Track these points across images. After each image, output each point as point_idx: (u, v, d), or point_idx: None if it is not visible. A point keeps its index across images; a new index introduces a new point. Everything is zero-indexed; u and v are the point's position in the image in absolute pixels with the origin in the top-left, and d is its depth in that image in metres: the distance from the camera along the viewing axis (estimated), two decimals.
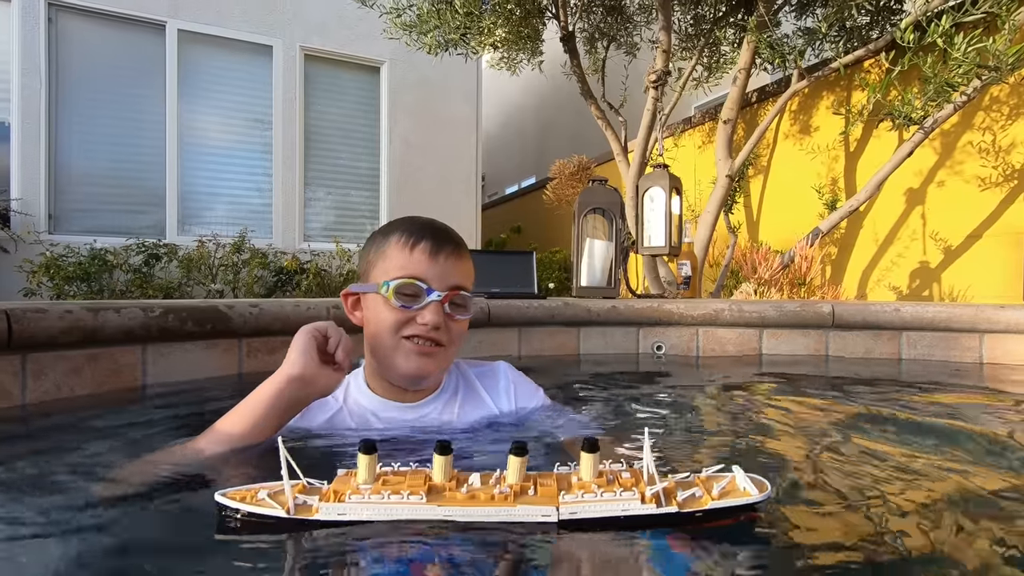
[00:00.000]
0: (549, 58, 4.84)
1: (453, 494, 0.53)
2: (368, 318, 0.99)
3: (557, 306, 2.07)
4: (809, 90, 4.34)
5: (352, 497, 0.52)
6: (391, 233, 0.98)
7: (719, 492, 0.53)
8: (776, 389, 1.55)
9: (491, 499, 0.52)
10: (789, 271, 3.46)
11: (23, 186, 4.39)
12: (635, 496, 0.52)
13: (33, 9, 4.40)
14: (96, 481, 0.73)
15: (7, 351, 1.19)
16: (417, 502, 0.51)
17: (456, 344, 0.99)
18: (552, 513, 0.52)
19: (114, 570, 0.48)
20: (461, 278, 0.97)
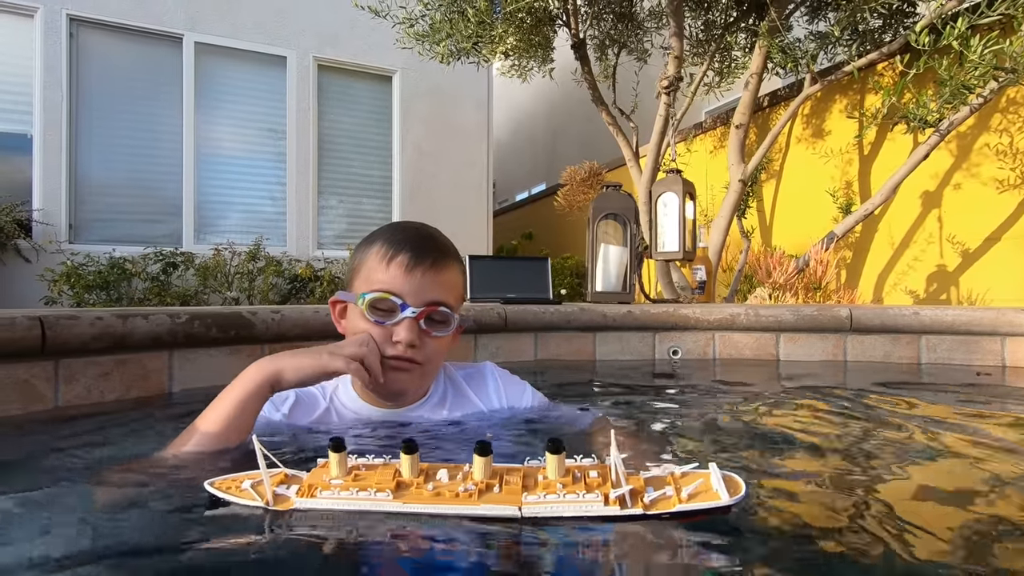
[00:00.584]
0: (559, 65, 4.87)
1: (419, 491, 0.54)
2: (348, 328, 0.97)
3: (573, 311, 2.08)
4: (821, 94, 4.33)
5: (323, 493, 0.54)
6: (374, 242, 0.95)
7: (688, 494, 0.53)
8: (793, 393, 1.55)
9: (455, 496, 0.54)
10: (804, 275, 3.44)
11: (45, 196, 4.48)
12: (598, 498, 0.52)
13: (55, 24, 4.51)
14: (97, 484, 0.75)
15: (41, 357, 1.22)
16: (383, 499, 0.53)
17: (434, 361, 0.97)
18: (514, 512, 0.52)
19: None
20: (440, 293, 0.93)
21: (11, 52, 4.48)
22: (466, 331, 1.95)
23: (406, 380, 0.94)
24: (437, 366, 1.01)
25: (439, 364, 1.01)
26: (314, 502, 0.54)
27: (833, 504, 0.67)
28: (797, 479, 0.77)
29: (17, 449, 0.99)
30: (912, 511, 0.65)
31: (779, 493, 0.70)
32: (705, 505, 0.53)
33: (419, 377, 0.96)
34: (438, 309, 0.92)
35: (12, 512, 0.64)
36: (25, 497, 0.69)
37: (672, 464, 0.59)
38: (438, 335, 0.94)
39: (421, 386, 1.00)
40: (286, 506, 0.54)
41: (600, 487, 0.54)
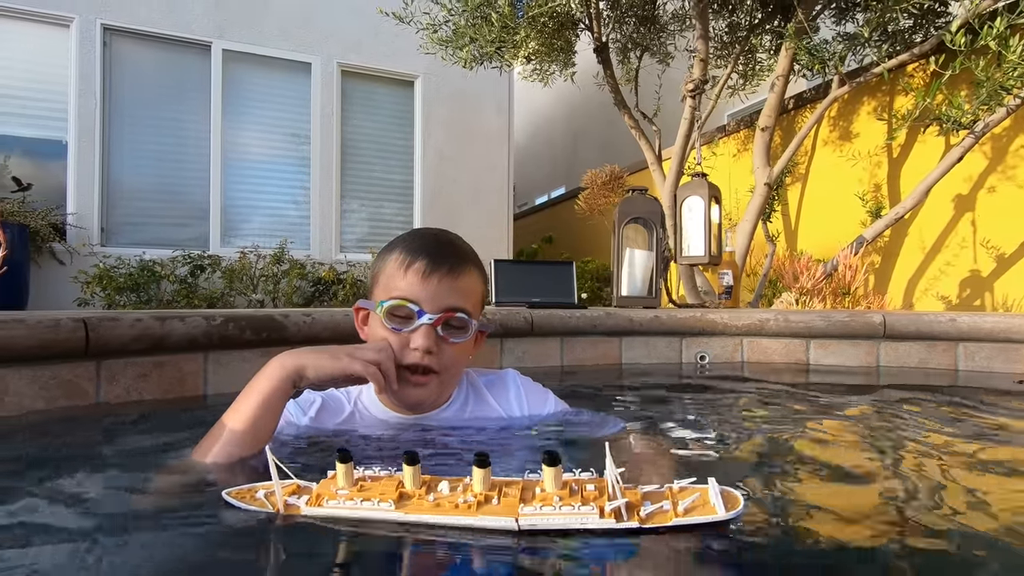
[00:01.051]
0: (581, 68, 4.87)
1: (421, 501, 0.56)
2: (370, 335, 0.98)
3: (599, 316, 2.07)
4: (849, 96, 4.25)
5: (330, 502, 0.57)
6: (393, 250, 0.96)
7: (685, 508, 0.54)
8: (822, 402, 1.52)
9: (455, 507, 0.55)
10: (832, 280, 3.38)
11: (78, 201, 4.60)
12: (594, 511, 0.53)
13: (90, 33, 4.64)
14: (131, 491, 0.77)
15: (85, 358, 1.26)
16: (386, 508, 0.55)
17: (452, 370, 0.97)
18: (511, 524, 0.53)
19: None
20: (458, 299, 0.93)
21: (48, 61, 4.62)
22: (492, 335, 1.95)
23: (421, 394, 0.95)
24: (456, 375, 1.01)
25: (458, 373, 1.01)
26: (320, 510, 0.57)
27: (865, 520, 0.64)
28: (822, 491, 0.75)
29: (62, 447, 1.01)
30: (960, 534, 0.63)
31: (800, 507, 0.68)
32: (701, 519, 0.53)
33: (436, 388, 0.96)
34: (455, 315, 0.92)
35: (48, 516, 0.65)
36: (65, 500, 0.71)
37: (672, 478, 0.60)
38: (456, 341, 0.94)
39: (439, 396, 1.00)
40: (295, 513, 0.57)
41: (596, 500, 0.55)
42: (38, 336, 1.18)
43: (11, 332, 1.14)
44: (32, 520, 0.63)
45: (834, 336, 2.07)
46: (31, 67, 4.59)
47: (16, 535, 0.58)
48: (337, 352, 0.86)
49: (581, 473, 0.59)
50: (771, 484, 0.79)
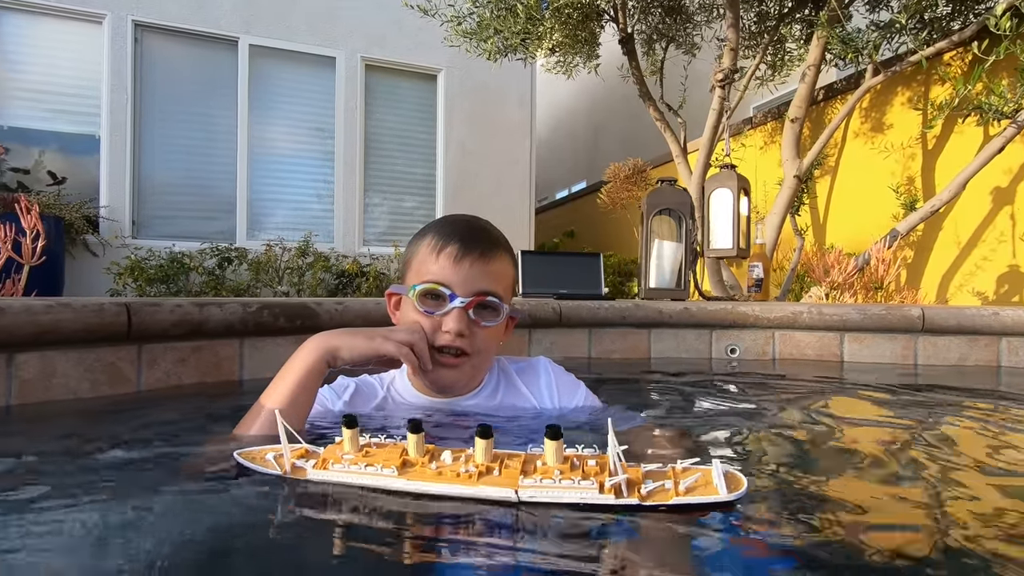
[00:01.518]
0: (604, 60, 4.82)
1: (423, 470, 0.57)
2: (402, 319, 0.99)
3: (628, 307, 2.05)
4: (882, 86, 4.14)
5: (335, 466, 0.58)
6: (425, 235, 0.97)
7: (687, 487, 0.53)
8: (857, 397, 1.48)
9: (456, 477, 0.55)
10: (863, 275, 3.31)
11: (110, 194, 4.71)
12: (593, 486, 0.52)
13: (121, 29, 4.73)
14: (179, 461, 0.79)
15: (127, 341, 1.28)
16: (389, 475, 0.56)
17: (484, 353, 0.98)
18: (511, 495, 0.54)
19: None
20: (489, 283, 0.94)
21: (81, 57, 4.72)
22: (520, 325, 1.95)
23: (454, 376, 0.96)
24: (487, 359, 1.01)
25: (489, 357, 1.01)
26: (326, 474, 0.58)
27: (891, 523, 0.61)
28: (846, 487, 0.73)
29: (104, 430, 1.03)
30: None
31: (816, 501, 0.66)
32: (703, 500, 0.52)
33: (469, 370, 0.97)
34: (486, 299, 0.93)
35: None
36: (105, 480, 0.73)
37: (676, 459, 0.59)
38: (487, 325, 0.94)
39: (472, 379, 1.01)
40: (301, 476, 0.59)
41: (597, 475, 0.54)
42: (83, 320, 1.21)
43: (59, 316, 1.17)
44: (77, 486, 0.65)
45: (870, 330, 2.03)
46: (65, 63, 4.70)
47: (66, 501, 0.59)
48: (371, 333, 0.88)
49: (584, 449, 0.59)
50: (791, 476, 0.77)
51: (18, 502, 0.61)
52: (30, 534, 0.52)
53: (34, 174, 4.45)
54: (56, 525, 0.54)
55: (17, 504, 0.60)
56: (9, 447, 0.88)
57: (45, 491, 0.65)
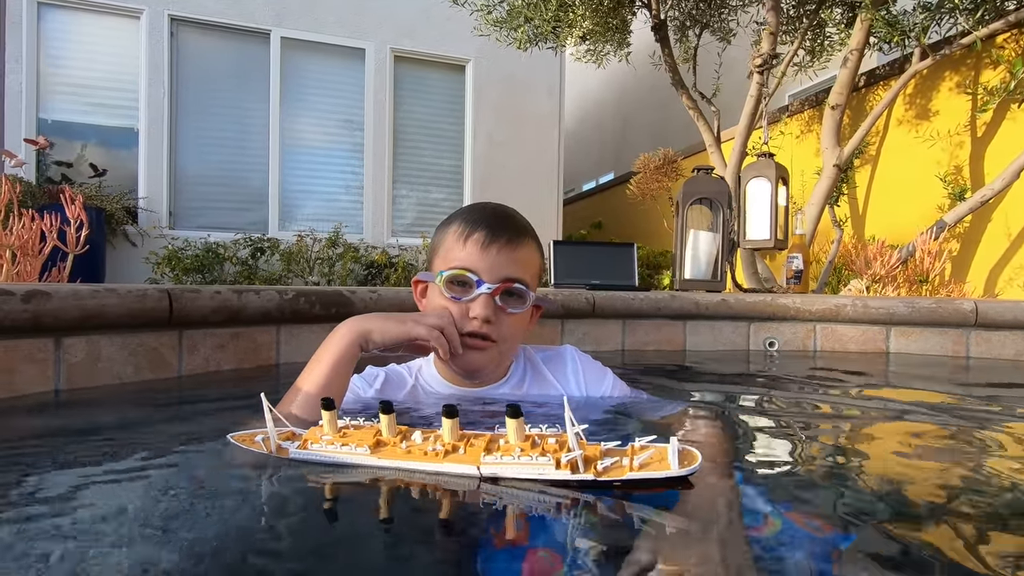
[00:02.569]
0: (634, 49, 4.73)
1: (394, 449, 0.62)
2: (428, 306, 0.99)
3: (663, 298, 2.01)
4: (928, 71, 3.97)
5: (313, 446, 0.63)
6: (452, 223, 0.98)
7: (640, 463, 0.56)
8: (907, 396, 1.42)
9: (424, 455, 0.60)
10: (907, 268, 3.18)
11: (148, 186, 4.82)
12: (550, 462, 0.56)
13: (158, 24, 4.82)
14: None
15: (168, 327, 1.30)
16: (362, 454, 0.61)
17: (511, 340, 0.98)
18: (473, 471, 0.58)
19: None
20: (516, 270, 0.94)
21: (120, 52, 4.84)
22: (553, 316, 1.92)
23: (482, 359, 0.96)
24: (514, 346, 1.01)
25: (516, 343, 1.01)
26: (306, 453, 0.63)
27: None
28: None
29: (145, 412, 1.05)
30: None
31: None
32: (654, 475, 0.54)
33: (496, 356, 0.97)
34: (513, 285, 0.94)
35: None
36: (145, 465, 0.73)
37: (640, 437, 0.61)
38: (514, 311, 0.95)
39: (499, 365, 1.01)
40: (284, 455, 0.64)
41: (555, 453, 0.57)
42: (127, 305, 1.23)
43: (104, 301, 1.19)
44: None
45: (918, 324, 1.95)
46: (104, 58, 4.82)
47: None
48: (403, 318, 0.90)
49: (547, 429, 0.62)
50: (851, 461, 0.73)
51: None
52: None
53: (76, 167, 4.59)
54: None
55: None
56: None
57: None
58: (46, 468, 0.70)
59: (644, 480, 0.54)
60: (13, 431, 0.91)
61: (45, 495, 0.59)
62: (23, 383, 1.08)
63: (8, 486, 0.61)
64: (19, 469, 0.68)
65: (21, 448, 0.80)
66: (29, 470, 0.68)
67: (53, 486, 0.63)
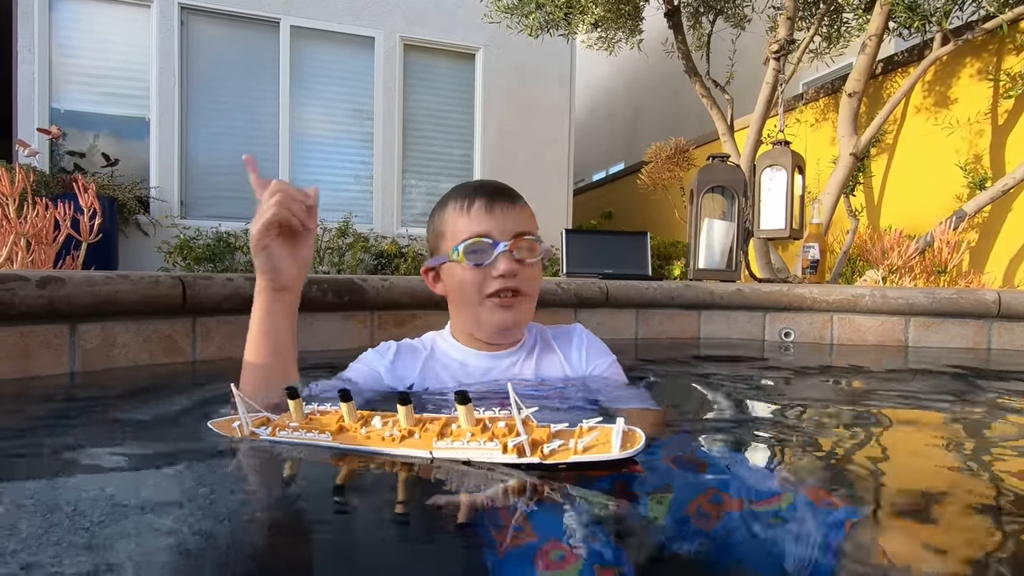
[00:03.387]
0: (646, 36, 4.66)
1: (355, 434, 0.65)
2: (449, 287, 1.02)
3: (678, 288, 1.99)
4: (948, 57, 3.88)
5: (281, 432, 0.67)
6: (447, 204, 1.01)
7: (584, 446, 0.57)
8: (922, 388, 1.39)
9: (381, 440, 0.63)
10: (924, 258, 3.13)
11: (160, 176, 4.84)
12: (497, 447, 0.58)
13: (168, 13, 4.81)
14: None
15: (182, 314, 1.30)
16: (324, 440, 0.65)
17: (533, 291, 1.02)
18: (426, 455, 0.61)
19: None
20: (523, 224, 0.99)
21: (132, 41, 4.83)
22: (566, 305, 1.90)
23: (514, 316, 0.99)
24: (535, 296, 1.05)
25: (536, 294, 1.05)
26: (273, 438, 0.67)
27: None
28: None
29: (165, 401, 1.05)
30: None
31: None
32: (596, 457, 0.56)
33: (524, 310, 1.01)
34: (525, 238, 0.98)
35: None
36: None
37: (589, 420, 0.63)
38: (531, 262, 0.99)
39: (526, 320, 1.04)
40: (256, 439, 0.68)
41: (504, 436, 0.60)
42: (140, 292, 1.22)
43: (117, 287, 1.19)
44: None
45: (939, 314, 1.91)
46: (116, 48, 4.82)
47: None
48: (284, 268, 0.90)
49: (500, 412, 0.65)
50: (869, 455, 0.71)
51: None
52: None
53: (89, 157, 4.60)
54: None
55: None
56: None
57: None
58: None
59: (587, 463, 0.56)
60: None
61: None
62: (39, 368, 1.08)
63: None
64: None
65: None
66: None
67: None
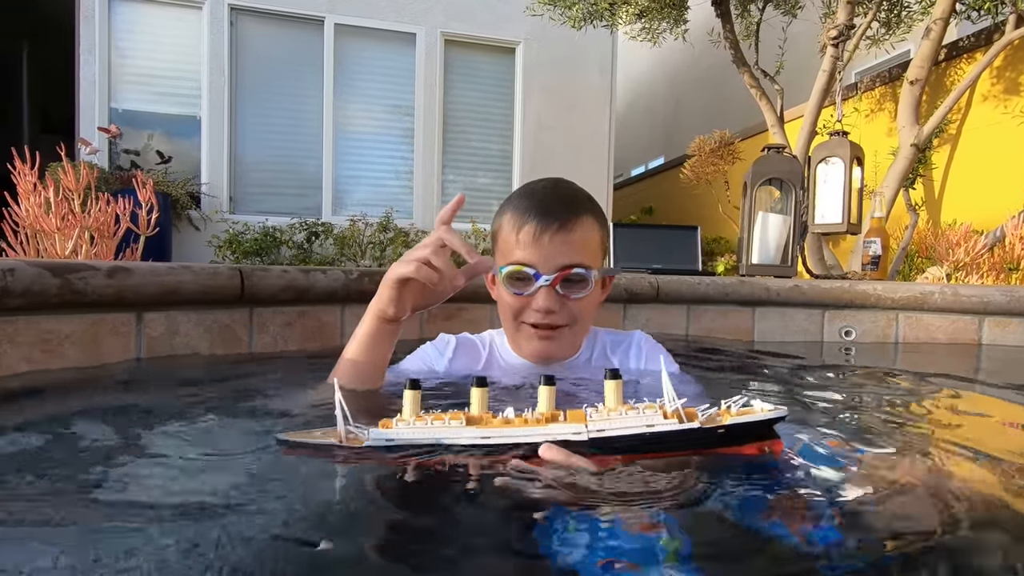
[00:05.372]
0: (691, 26, 4.54)
1: (489, 420, 0.57)
2: (498, 294, 0.99)
3: (731, 283, 1.92)
4: (1020, 41, 3.64)
5: (399, 424, 0.56)
6: (505, 210, 0.96)
7: (738, 412, 0.55)
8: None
9: (525, 422, 0.56)
10: (993, 254, 2.95)
11: (210, 172, 4.99)
12: (657, 413, 0.55)
13: (219, 14, 4.95)
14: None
15: (240, 304, 1.32)
16: (457, 426, 0.55)
17: (581, 322, 0.96)
18: (582, 430, 0.55)
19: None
20: (573, 255, 0.91)
21: (183, 42, 5.00)
22: (615, 300, 1.86)
23: (551, 347, 0.96)
24: (586, 326, 1.00)
25: (587, 323, 1.01)
26: (389, 433, 0.55)
27: None
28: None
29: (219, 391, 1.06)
30: None
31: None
32: (755, 418, 0.54)
33: (567, 340, 0.97)
34: (571, 272, 0.91)
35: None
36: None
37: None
38: (576, 297, 0.93)
39: (570, 347, 1.00)
40: (357, 444, 0.56)
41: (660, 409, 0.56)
42: (201, 282, 1.25)
43: (180, 278, 1.22)
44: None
45: (1017, 314, 1.79)
46: (169, 48, 5.00)
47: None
48: (393, 267, 0.83)
49: (635, 403, 0.60)
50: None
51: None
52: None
53: (144, 155, 4.79)
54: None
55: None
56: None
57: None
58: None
59: (744, 426, 0.54)
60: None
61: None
62: (109, 354, 1.12)
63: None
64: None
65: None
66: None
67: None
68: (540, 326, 0.93)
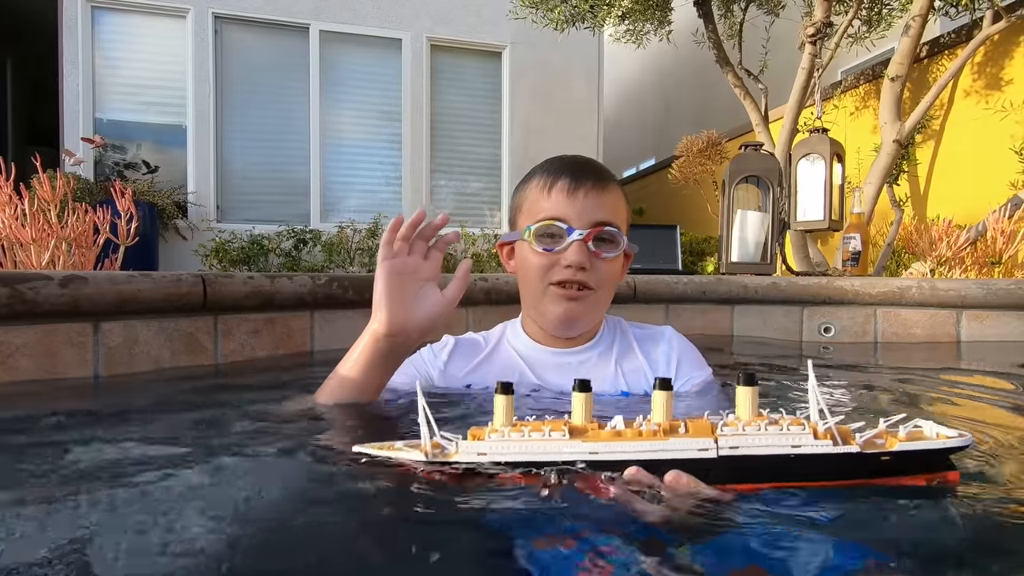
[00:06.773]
0: (676, 27, 4.55)
1: (596, 432, 0.48)
2: (519, 266, 0.96)
3: (709, 282, 1.91)
4: (999, 36, 3.65)
5: (492, 436, 0.48)
6: (532, 178, 0.96)
7: (907, 435, 0.45)
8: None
9: (639, 435, 0.47)
10: (975, 248, 2.95)
11: (197, 181, 4.98)
12: (806, 431, 0.44)
13: (203, 22, 4.95)
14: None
15: (203, 311, 1.30)
16: (560, 439, 0.47)
17: (607, 287, 0.93)
18: (710, 447, 0.45)
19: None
20: (605, 213, 0.90)
21: (168, 51, 4.99)
22: None
23: (579, 308, 0.91)
24: (609, 294, 0.97)
25: (611, 292, 0.97)
26: (481, 445, 0.47)
27: None
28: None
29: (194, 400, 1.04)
30: None
31: None
32: (934, 445, 0.43)
33: (592, 305, 0.93)
34: (605, 228, 0.89)
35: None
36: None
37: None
38: (608, 256, 0.90)
39: (594, 316, 0.96)
40: (446, 458, 0.49)
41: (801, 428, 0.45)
42: (162, 290, 1.23)
43: (139, 286, 1.20)
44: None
45: (994, 307, 1.78)
46: (154, 57, 4.99)
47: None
48: (402, 321, 0.82)
49: (769, 413, 0.48)
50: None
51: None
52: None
53: (131, 164, 4.77)
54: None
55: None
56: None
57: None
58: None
59: (915, 454, 0.43)
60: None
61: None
62: (64, 366, 1.10)
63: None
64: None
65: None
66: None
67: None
68: (569, 283, 0.89)
